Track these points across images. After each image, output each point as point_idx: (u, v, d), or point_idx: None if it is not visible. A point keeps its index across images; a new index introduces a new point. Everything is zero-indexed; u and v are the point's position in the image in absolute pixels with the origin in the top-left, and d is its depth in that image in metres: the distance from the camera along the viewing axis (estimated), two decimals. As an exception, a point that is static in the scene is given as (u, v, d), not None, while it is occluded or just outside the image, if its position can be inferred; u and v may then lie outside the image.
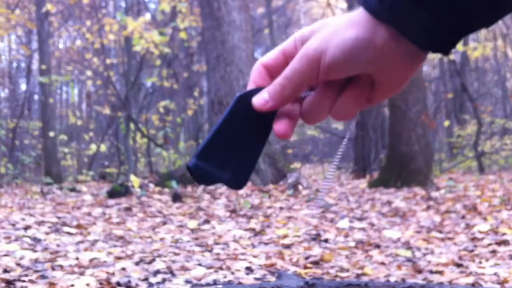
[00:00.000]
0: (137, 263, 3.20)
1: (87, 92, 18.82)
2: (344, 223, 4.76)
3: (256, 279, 2.88)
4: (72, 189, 9.29)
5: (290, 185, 7.48)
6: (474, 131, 13.63)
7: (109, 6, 16.97)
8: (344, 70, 0.59)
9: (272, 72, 0.65)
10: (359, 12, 0.58)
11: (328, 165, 18.29)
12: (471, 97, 13.83)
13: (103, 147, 16.23)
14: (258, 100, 0.63)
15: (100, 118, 17.87)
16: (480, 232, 4.11)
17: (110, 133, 15.65)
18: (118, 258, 3.35)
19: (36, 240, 3.92)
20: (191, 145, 14.17)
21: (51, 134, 15.07)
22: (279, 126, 0.63)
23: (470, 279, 2.70)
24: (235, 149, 0.63)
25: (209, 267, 3.12)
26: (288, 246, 3.86)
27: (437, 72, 16.75)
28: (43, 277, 2.80)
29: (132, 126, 13.38)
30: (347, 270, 3.06)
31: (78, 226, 4.68)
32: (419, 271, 2.94)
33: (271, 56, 0.65)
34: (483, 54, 14.93)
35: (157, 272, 2.99)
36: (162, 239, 4.18)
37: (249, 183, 8.03)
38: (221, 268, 3.10)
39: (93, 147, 16.10)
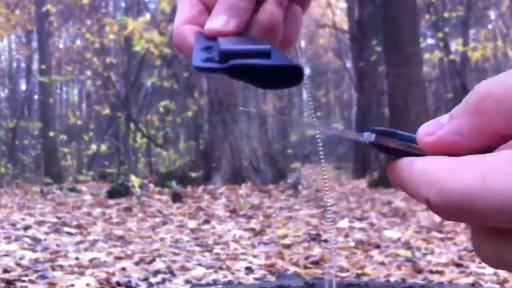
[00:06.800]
0: (137, 263, 3.20)
1: (87, 92, 18.82)
2: (344, 223, 4.76)
3: (256, 279, 2.87)
4: (72, 189, 9.29)
5: (290, 185, 7.48)
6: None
7: (109, 6, 16.96)
8: None
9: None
10: None
11: (328, 165, 18.30)
12: (471, 97, 13.80)
13: (103, 147, 16.24)
14: (216, 23, 0.44)
15: (100, 118, 17.87)
16: (480, 232, 4.10)
17: (110, 133, 15.65)
18: (118, 258, 3.35)
19: (36, 240, 3.92)
20: (191, 145, 14.17)
21: (51, 134, 15.08)
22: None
23: (470, 279, 2.70)
24: None
25: (209, 267, 3.12)
26: (288, 246, 3.86)
27: (437, 72, 16.75)
28: (43, 277, 2.80)
29: (132, 126, 13.38)
30: (347, 270, 3.05)
31: (78, 226, 4.68)
32: (419, 271, 2.94)
33: None
34: (483, 54, 14.94)
35: (157, 272, 2.99)
36: (162, 239, 4.18)
37: (249, 183, 8.02)
38: (221, 268, 3.10)
39: (93, 147, 16.12)
